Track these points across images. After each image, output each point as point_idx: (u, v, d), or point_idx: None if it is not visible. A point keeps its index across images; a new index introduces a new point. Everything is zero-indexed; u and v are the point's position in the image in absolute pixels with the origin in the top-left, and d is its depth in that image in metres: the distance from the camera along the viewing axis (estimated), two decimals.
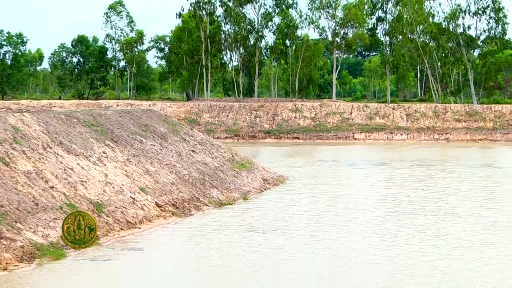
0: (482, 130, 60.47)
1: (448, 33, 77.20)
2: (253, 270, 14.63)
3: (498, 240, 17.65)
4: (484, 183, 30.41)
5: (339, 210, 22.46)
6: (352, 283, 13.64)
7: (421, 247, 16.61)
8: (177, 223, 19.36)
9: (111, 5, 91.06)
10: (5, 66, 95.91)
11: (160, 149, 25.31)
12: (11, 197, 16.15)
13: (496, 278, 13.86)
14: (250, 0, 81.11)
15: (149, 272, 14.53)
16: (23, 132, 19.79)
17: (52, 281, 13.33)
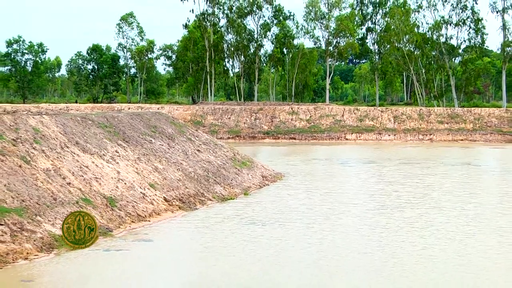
0: (463, 131, 60.48)
1: (431, 42, 77.30)
2: (255, 259, 14.60)
3: (480, 231, 17.65)
4: (465, 179, 30.39)
5: (333, 204, 22.44)
6: (346, 270, 13.65)
7: (409, 237, 16.60)
8: (183, 216, 19.33)
9: (123, 16, 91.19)
10: (26, 72, 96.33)
11: (167, 149, 25.27)
12: (31, 192, 16.13)
13: (479, 267, 13.85)
14: (250, 12, 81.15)
15: (158, 261, 14.52)
16: (43, 133, 19.76)
17: (69, 269, 13.31)
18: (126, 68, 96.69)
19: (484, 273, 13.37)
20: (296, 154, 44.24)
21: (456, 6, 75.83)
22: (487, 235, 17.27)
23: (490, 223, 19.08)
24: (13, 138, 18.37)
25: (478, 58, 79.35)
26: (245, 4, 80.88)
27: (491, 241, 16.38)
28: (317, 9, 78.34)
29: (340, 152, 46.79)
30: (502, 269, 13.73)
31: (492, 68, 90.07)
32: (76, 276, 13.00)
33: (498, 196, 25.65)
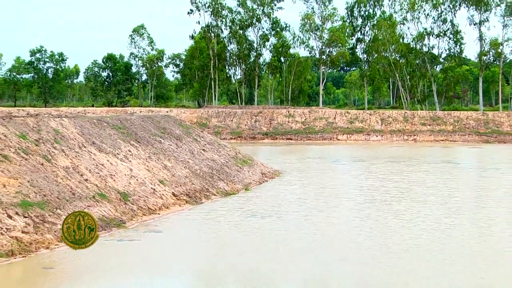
0: (444, 132, 60.44)
1: (415, 51, 77.35)
2: (256, 247, 14.60)
3: (461, 222, 17.64)
4: (446, 176, 30.34)
5: (326, 198, 22.43)
6: (338, 256, 13.63)
7: (396, 228, 16.57)
8: (190, 209, 19.29)
9: (135, 28, 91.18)
10: (47, 79, 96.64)
11: (176, 148, 25.24)
12: (52, 188, 16.10)
13: (461, 254, 13.84)
14: (251, 24, 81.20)
15: (167, 249, 14.52)
16: (62, 134, 19.74)
17: (87, 257, 13.28)
18: (138, 75, 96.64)
19: (465, 260, 13.36)
20: (293, 153, 44.22)
21: (437, 19, 75.90)
22: (467, 226, 17.27)
23: (469, 215, 19.08)
24: (36, 138, 18.35)
25: (457, 66, 79.35)
26: (245, 17, 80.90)
27: (470, 232, 16.37)
28: (311, 22, 78.28)
29: (333, 151, 46.77)
30: (481, 256, 13.70)
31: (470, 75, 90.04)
32: (92, 263, 12.98)
33: (476, 191, 25.61)
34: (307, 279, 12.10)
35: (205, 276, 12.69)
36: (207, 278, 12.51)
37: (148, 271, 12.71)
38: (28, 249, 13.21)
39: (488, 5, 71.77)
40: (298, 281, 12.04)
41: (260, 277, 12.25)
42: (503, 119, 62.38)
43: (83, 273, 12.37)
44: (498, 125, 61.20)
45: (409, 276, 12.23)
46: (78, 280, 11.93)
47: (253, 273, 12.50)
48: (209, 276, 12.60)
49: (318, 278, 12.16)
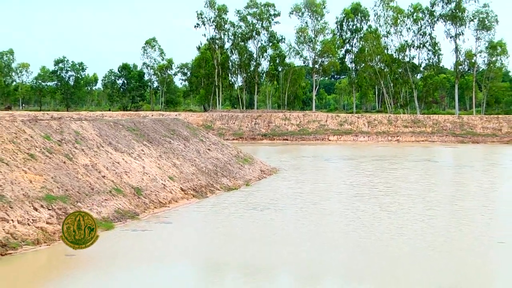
0: (424, 134, 60.40)
1: (398, 61, 77.34)
2: (256, 236, 14.57)
3: (441, 214, 17.63)
4: (426, 172, 30.35)
5: (319, 192, 22.38)
6: (331, 245, 13.58)
7: (383, 219, 16.52)
8: (197, 203, 19.26)
9: (147, 41, 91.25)
10: (69, 86, 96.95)
11: (183, 148, 25.19)
12: (73, 183, 16.06)
13: (442, 242, 13.80)
14: (250, 37, 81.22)
15: (176, 238, 14.48)
16: (82, 135, 19.70)
17: (104, 245, 13.24)
18: (150, 83, 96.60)
19: (445, 247, 13.33)
20: (288, 153, 44.18)
21: (417, 32, 75.88)
22: (446, 217, 17.27)
23: (448, 208, 19.08)
24: (59, 139, 18.30)
25: (436, 74, 79.35)
26: (246, 31, 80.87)
27: (449, 222, 16.38)
28: (305, 34, 78.26)
29: (324, 151, 46.72)
30: (459, 244, 13.68)
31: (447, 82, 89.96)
32: (109, 250, 12.95)
33: (453, 186, 25.59)
34: (302, 264, 12.06)
35: (211, 262, 12.65)
36: (212, 264, 12.47)
37: (159, 258, 12.67)
38: (52, 238, 13.17)
39: (463, 20, 71.74)
40: (294, 266, 12.00)
41: (260, 262, 12.21)
42: (476, 122, 62.39)
43: (101, 259, 12.33)
44: (472, 127, 61.19)
45: (396, 261, 12.20)
46: (97, 265, 11.89)
47: (254, 259, 12.46)
48: (214, 262, 12.56)
49: (312, 263, 12.12)
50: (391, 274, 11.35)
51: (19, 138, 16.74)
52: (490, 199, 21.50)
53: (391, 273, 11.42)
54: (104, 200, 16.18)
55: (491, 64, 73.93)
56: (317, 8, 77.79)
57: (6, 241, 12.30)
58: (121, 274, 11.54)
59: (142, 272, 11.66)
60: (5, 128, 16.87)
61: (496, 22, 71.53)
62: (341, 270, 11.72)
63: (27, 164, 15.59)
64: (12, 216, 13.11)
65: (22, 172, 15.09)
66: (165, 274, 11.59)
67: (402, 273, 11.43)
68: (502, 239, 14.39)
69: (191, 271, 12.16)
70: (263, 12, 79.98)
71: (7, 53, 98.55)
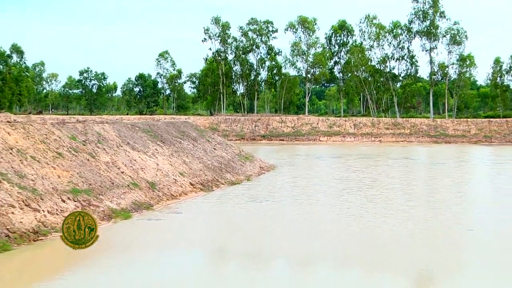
0: (403, 135, 60.32)
1: (380, 72, 77.20)
2: (256, 224, 14.51)
3: (419, 204, 17.60)
4: (406, 169, 30.28)
5: (312, 186, 22.32)
6: (323, 232, 13.53)
7: (369, 209, 16.45)
8: (204, 196, 19.20)
9: (160, 53, 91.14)
10: (92, 93, 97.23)
11: (192, 147, 25.12)
12: (96, 178, 15.99)
13: (419, 229, 13.74)
14: (251, 50, 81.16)
15: (186, 227, 14.41)
16: (104, 136, 19.63)
17: (123, 232, 13.24)
18: (163, 90, 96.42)
19: (424, 234, 13.29)
20: (284, 151, 44.11)
21: (397, 46, 75.72)
22: (424, 207, 17.22)
23: (425, 199, 19.03)
24: (83, 139, 18.24)
25: (413, 83, 79.13)
26: (247, 45, 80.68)
27: (427, 212, 16.30)
28: (299, 48, 78.10)
29: (316, 150, 46.65)
30: (436, 229, 13.64)
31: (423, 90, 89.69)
32: (127, 236, 12.91)
33: (429, 181, 25.53)
34: (297, 250, 12.00)
35: (216, 246, 12.60)
36: (217, 248, 12.42)
37: (171, 243, 12.63)
38: None
39: (437, 36, 71.69)
40: (289, 251, 11.94)
41: (259, 248, 12.16)
42: (448, 124, 62.34)
43: (120, 244, 12.28)
44: (444, 129, 61.12)
45: (381, 247, 12.14)
46: (117, 249, 11.85)
47: (254, 245, 12.41)
48: (219, 248, 12.51)
49: (306, 248, 12.06)
50: (377, 258, 11.30)
51: (49, 139, 16.68)
52: (462, 192, 21.45)
53: (377, 257, 11.36)
54: (123, 193, 16.12)
55: (461, 74, 73.86)
56: (309, 25, 77.74)
57: (38, 229, 12.26)
58: (137, 257, 11.49)
59: (156, 255, 11.62)
60: (37, 130, 16.82)
61: (465, 38, 71.54)
62: (332, 255, 11.66)
63: (56, 161, 15.52)
64: (43, 207, 13.06)
65: (52, 168, 15.04)
66: (176, 258, 11.55)
67: (387, 258, 11.38)
68: (471, 227, 14.43)
69: (199, 256, 12.10)
70: (262, 28, 79.92)
71: (39, 64, 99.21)
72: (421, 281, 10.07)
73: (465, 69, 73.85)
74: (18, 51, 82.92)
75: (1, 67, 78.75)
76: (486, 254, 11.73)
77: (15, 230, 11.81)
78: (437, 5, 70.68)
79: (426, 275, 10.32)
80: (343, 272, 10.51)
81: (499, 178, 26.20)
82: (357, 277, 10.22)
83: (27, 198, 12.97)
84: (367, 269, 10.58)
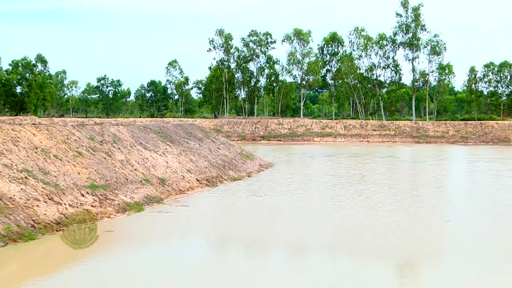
0: (388, 136, 60.30)
1: (367, 79, 77.20)
2: (256, 216, 14.50)
3: (404, 198, 17.55)
4: (391, 166, 30.27)
5: (307, 181, 22.33)
6: (317, 222, 13.52)
7: (358, 202, 16.45)
8: (209, 190, 19.19)
9: (170, 62, 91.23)
10: (108, 98, 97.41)
11: (198, 147, 25.11)
12: (112, 175, 15.99)
13: (404, 220, 13.74)
14: (251, 59, 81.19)
15: (193, 218, 14.39)
16: (119, 137, 19.62)
17: (136, 223, 13.24)
18: (172, 95, 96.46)
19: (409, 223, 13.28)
20: (281, 151, 44.09)
21: (383, 56, 75.72)
22: (408, 200, 17.19)
23: (409, 193, 19.00)
24: (101, 140, 18.24)
25: (397, 89, 79.08)
26: (248, 54, 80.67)
27: (410, 205, 16.29)
28: (294, 57, 78.06)
29: (310, 150, 46.63)
30: (419, 220, 13.65)
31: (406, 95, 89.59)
32: (140, 227, 12.91)
33: (412, 176, 25.53)
34: (294, 238, 12.00)
35: (220, 235, 12.60)
36: (221, 237, 12.43)
37: (179, 233, 12.64)
38: (95, 218, 13.12)
39: (418, 47, 71.84)
40: (286, 240, 11.95)
41: (259, 237, 12.17)
42: (429, 126, 62.34)
43: (134, 233, 12.29)
44: (425, 131, 61.12)
45: (369, 234, 12.15)
46: (130, 238, 11.86)
47: (254, 234, 12.42)
48: (223, 236, 12.51)
49: (301, 237, 12.07)
50: (365, 245, 11.31)
51: (69, 139, 16.68)
52: (441, 187, 21.46)
53: (365, 245, 11.38)
54: (136, 188, 16.12)
55: (440, 81, 73.93)
56: (303, 36, 77.75)
57: (60, 220, 12.27)
58: (149, 245, 11.50)
59: (166, 244, 11.64)
60: (59, 131, 16.82)
61: (444, 49, 71.74)
62: (325, 243, 11.67)
63: (76, 159, 15.53)
64: (64, 201, 13.07)
65: (72, 166, 15.04)
66: (184, 246, 11.56)
67: (374, 245, 11.39)
68: (450, 218, 14.44)
69: (204, 243, 12.12)
70: (262, 39, 79.96)
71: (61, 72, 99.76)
72: (405, 265, 10.09)
73: (444, 76, 73.97)
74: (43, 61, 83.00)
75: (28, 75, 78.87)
76: (462, 242, 11.77)
77: (40, 221, 11.83)
78: (419, 19, 70.81)
79: (410, 260, 10.34)
80: (334, 258, 10.53)
81: (474, 175, 26.21)
82: (347, 262, 10.23)
83: (50, 192, 12.99)
84: (356, 255, 10.60)
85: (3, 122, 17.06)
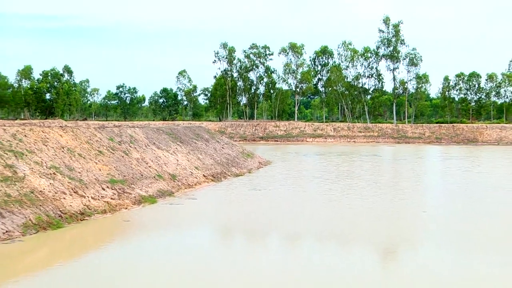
0: (372, 137, 60.29)
1: (354, 87, 77.21)
2: (256, 207, 14.49)
3: (387, 192, 17.53)
4: (375, 163, 30.25)
5: (301, 177, 22.32)
6: (310, 212, 13.51)
7: (347, 195, 16.45)
8: (214, 185, 19.20)
9: (180, 72, 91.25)
10: (126, 104, 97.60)
11: (205, 147, 25.11)
12: (129, 171, 16.00)
13: (387, 211, 13.74)
14: (252, 69, 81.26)
15: (200, 210, 14.38)
16: (135, 137, 19.63)
17: (150, 214, 13.25)
18: (182, 101, 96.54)
19: (389, 215, 13.28)
20: (278, 150, 44.08)
21: (367, 66, 75.81)
22: (391, 194, 17.17)
23: (391, 187, 19.00)
24: (119, 140, 18.25)
25: (380, 96, 79.10)
26: (248, 65, 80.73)
27: (393, 198, 16.30)
28: (290, 68, 78.16)
29: (303, 149, 46.61)
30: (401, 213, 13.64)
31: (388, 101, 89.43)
32: (154, 217, 12.92)
33: (394, 172, 25.51)
34: (289, 227, 12.02)
35: (224, 224, 12.62)
36: (225, 227, 12.44)
37: (188, 223, 12.65)
38: (114, 209, 13.14)
39: (398, 58, 72.08)
40: (282, 229, 11.97)
41: (259, 227, 12.18)
42: (408, 128, 62.35)
43: (148, 223, 12.31)
44: (405, 133, 61.14)
45: (356, 223, 12.17)
46: (145, 227, 11.87)
47: (255, 224, 12.44)
48: (227, 224, 12.53)
49: (296, 227, 12.08)
50: (352, 233, 11.33)
51: (92, 140, 16.71)
52: (419, 181, 21.48)
53: (352, 232, 11.40)
54: (150, 183, 16.14)
55: (418, 89, 74.13)
56: (297, 49, 77.87)
57: (83, 211, 12.30)
58: (162, 232, 11.52)
59: (177, 232, 11.66)
60: (83, 133, 16.85)
61: (421, 60, 72.36)
62: (316, 231, 11.70)
63: (97, 157, 15.55)
64: (87, 194, 13.09)
65: (94, 163, 15.07)
66: (193, 234, 11.57)
67: (360, 232, 11.41)
68: (426, 209, 14.45)
69: (210, 231, 12.14)
70: (261, 52, 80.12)
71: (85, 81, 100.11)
72: (387, 250, 10.12)
73: (421, 85, 74.25)
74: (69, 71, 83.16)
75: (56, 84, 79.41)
76: (437, 230, 11.79)
77: (66, 212, 11.85)
78: (399, 35, 71.20)
79: (391, 246, 10.37)
80: (324, 244, 10.55)
81: (447, 171, 26.22)
82: (335, 247, 10.25)
83: (75, 186, 13.02)
84: (344, 241, 10.63)
85: (34, 125, 17.08)
